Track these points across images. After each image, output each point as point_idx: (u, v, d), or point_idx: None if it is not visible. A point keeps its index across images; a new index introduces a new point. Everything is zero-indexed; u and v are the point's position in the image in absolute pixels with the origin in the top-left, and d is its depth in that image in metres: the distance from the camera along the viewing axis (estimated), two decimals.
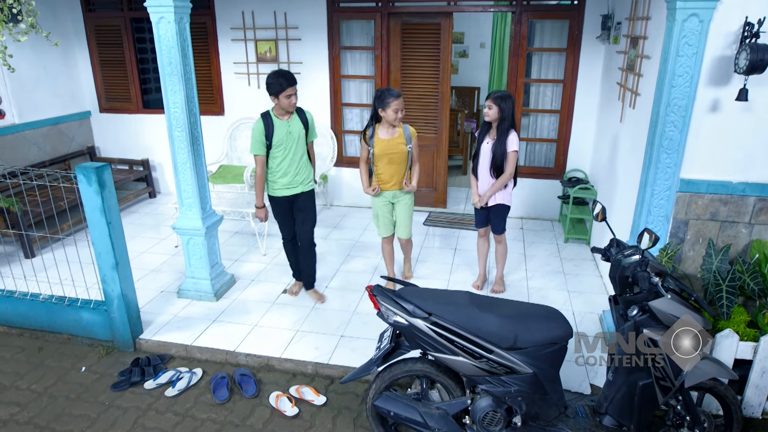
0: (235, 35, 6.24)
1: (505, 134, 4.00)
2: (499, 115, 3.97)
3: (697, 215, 3.44)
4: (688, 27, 3.07)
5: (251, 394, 3.41)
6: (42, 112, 6.28)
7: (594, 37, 5.36)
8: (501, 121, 3.99)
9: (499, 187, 4.11)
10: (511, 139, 4.01)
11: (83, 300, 3.96)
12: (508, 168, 4.06)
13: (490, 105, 3.96)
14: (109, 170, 3.55)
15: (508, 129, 4.00)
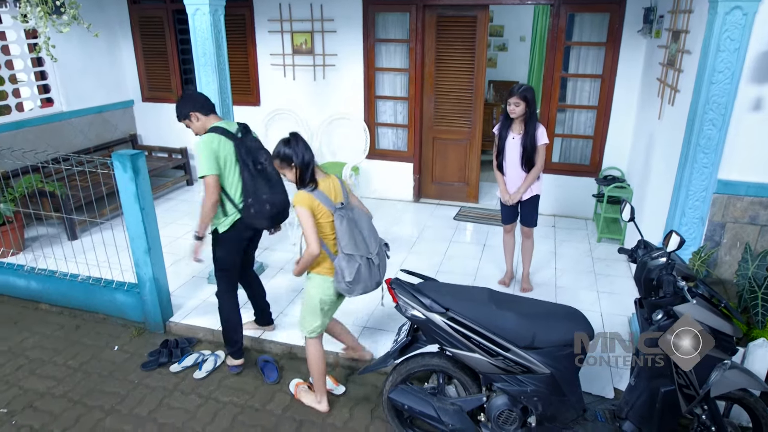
0: (272, 27, 6.32)
1: (534, 128, 3.95)
2: (526, 109, 3.90)
3: (735, 218, 3.29)
4: (731, 20, 2.94)
5: (273, 380, 3.48)
6: (88, 101, 6.53)
7: (635, 30, 5.18)
8: (529, 116, 3.92)
9: (532, 180, 4.06)
10: (541, 132, 3.96)
11: (118, 282, 4.13)
12: (539, 161, 4.01)
13: (518, 102, 3.88)
14: (144, 158, 3.67)
15: (536, 122, 3.96)
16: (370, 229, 2.98)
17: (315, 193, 2.82)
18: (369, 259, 2.90)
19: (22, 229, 5.04)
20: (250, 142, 3.32)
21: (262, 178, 3.27)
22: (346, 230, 2.82)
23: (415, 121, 6.27)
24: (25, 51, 5.82)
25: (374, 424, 3.12)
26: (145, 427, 3.12)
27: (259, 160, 3.29)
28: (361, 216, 2.95)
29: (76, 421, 3.18)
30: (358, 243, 2.85)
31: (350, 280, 2.84)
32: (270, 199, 3.26)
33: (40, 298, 4.41)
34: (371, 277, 2.92)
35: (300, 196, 2.81)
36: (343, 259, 2.84)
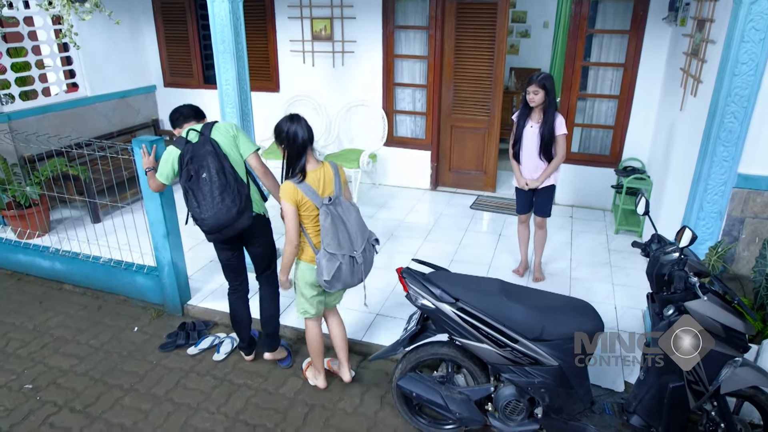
0: (292, 13, 6.32)
1: (552, 117, 3.90)
2: (545, 98, 3.85)
3: (755, 213, 3.23)
4: (756, 10, 2.85)
5: (286, 364, 3.56)
6: (111, 86, 6.64)
7: (660, 18, 5.05)
8: (548, 104, 3.88)
9: (553, 170, 4.02)
10: (560, 122, 3.91)
11: (138, 265, 4.24)
12: (560, 151, 3.97)
13: (536, 90, 3.83)
14: (163, 144, 3.72)
15: (554, 112, 3.91)
16: (359, 224, 2.90)
17: (301, 186, 2.75)
18: (352, 257, 2.85)
19: (47, 211, 5.18)
20: (201, 147, 2.99)
21: (195, 190, 2.99)
22: (330, 228, 2.77)
23: (433, 108, 6.24)
24: (51, 37, 5.93)
25: (384, 410, 3.18)
26: (161, 407, 3.23)
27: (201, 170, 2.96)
28: (350, 211, 2.87)
29: (97, 399, 3.30)
30: (342, 242, 2.80)
31: (328, 279, 2.82)
32: (199, 216, 3.00)
33: (64, 278, 4.55)
34: (353, 275, 2.89)
35: (285, 188, 2.76)
36: (324, 257, 2.80)
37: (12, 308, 4.27)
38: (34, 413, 3.18)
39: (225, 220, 3.01)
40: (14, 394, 3.34)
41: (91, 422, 3.12)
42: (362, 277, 2.96)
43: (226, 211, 2.99)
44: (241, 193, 3.05)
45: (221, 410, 3.20)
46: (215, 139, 3.06)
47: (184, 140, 3.06)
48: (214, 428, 3.06)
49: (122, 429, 3.07)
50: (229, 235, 3.11)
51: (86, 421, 3.12)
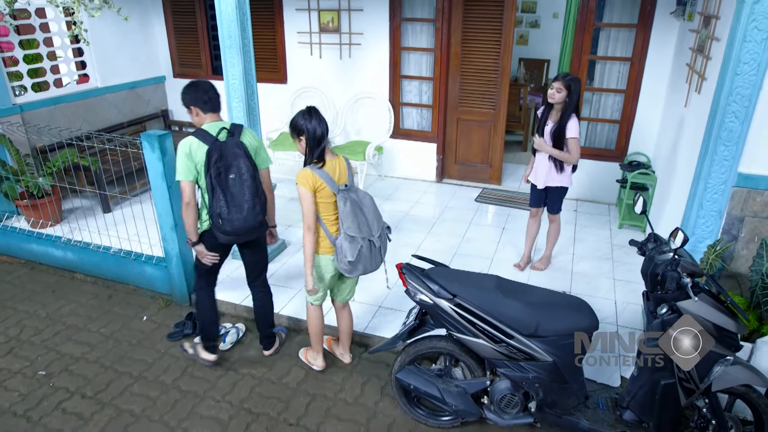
0: (300, 5, 6.34)
1: (566, 119, 3.88)
2: (567, 99, 3.84)
3: (755, 212, 3.25)
4: (759, 10, 2.85)
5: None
6: (121, 77, 6.72)
7: (668, 12, 5.02)
8: (566, 106, 3.87)
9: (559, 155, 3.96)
10: (571, 125, 3.89)
11: (147, 255, 4.34)
12: (573, 154, 3.96)
13: (560, 88, 3.81)
14: (171, 138, 3.81)
15: (570, 114, 3.88)
16: (374, 211, 3.03)
17: (319, 172, 2.83)
18: (371, 241, 2.96)
19: (59, 201, 5.30)
20: (231, 147, 2.99)
21: (224, 190, 2.97)
22: (350, 212, 2.87)
23: (439, 101, 6.26)
24: (62, 28, 6.01)
25: (384, 401, 3.26)
26: (169, 394, 3.34)
27: (231, 169, 2.98)
28: (365, 198, 2.99)
29: (108, 385, 3.42)
30: (361, 225, 2.91)
31: (352, 260, 2.90)
32: (226, 216, 2.98)
33: (75, 268, 4.67)
34: (372, 259, 3.00)
35: (303, 174, 2.83)
36: (346, 240, 2.89)
37: (26, 296, 4.39)
38: (47, 399, 3.31)
39: (252, 224, 3.06)
40: (28, 380, 3.46)
41: (102, 408, 3.23)
42: (380, 260, 3.09)
43: (255, 216, 3.05)
44: (263, 200, 3.14)
45: (226, 398, 3.30)
46: (245, 142, 3.09)
47: (212, 137, 2.99)
48: (219, 416, 3.17)
49: (131, 415, 3.18)
50: (245, 240, 3.17)
51: (97, 407, 3.24)
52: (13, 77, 5.49)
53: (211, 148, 2.96)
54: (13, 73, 5.51)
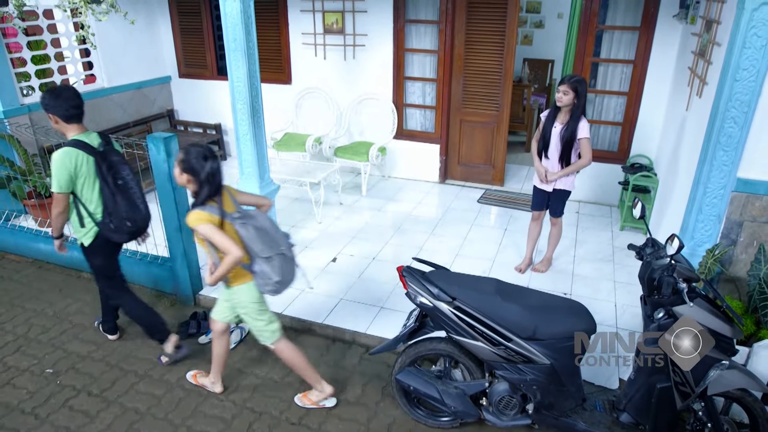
0: (304, 6, 6.38)
1: (576, 121, 3.91)
2: (574, 101, 3.87)
3: (753, 217, 3.27)
4: (758, 17, 2.88)
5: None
6: (127, 77, 6.79)
7: (671, 15, 5.03)
8: (575, 108, 3.90)
9: (574, 170, 4.05)
10: (582, 126, 3.92)
11: (152, 255, 4.40)
12: (585, 155, 3.99)
13: (567, 90, 3.84)
14: (176, 141, 3.86)
15: (579, 116, 3.91)
16: (273, 225, 2.93)
17: (207, 209, 2.70)
18: (283, 254, 2.88)
19: None
20: (112, 156, 3.23)
21: (122, 194, 3.24)
22: (255, 236, 2.77)
23: (442, 102, 6.29)
24: (69, 29, 6.07)
25: (384, 401, 3.31)
26: (173, 393, 3.39)
27: (121, 175, 3.24)
28: (261, 216, 2.89)
29: (113, 384, 3.48)
30: (270, 243, 2.82)
31: (279, 279, 2.83)
32: (130, 216, 3.27)
33: (82, 267, 4.73)
34: (290, 270, 2.93)
35: (195, 216, 2.67)
36: (265, 263, 2.80)
37: (33, 295, 4.47)
38: (54, 396, 3.37)
39: (148, 218, 3.40)
40: (36, 378, 3.53)
41: (108, 406, 3.29)
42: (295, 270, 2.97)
43: (147, 210, 3.39)
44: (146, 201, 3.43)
45: (230, 397, 3.35)
46: (119, 150, 3.37)
47: (93, 148, 3.16)
48: (222, 414, 3.22)
49: (136, 413, 3.24)
50: (141, 233, 3.44)
51: (103, 404, 3.30)
52: (21, 78, 5.56)
53: (98, 159, 3.16)
54: (21, 74, 5.58)
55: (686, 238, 3.42)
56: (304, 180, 5.43)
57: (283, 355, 3.12)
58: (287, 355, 3.12)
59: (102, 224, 3.27)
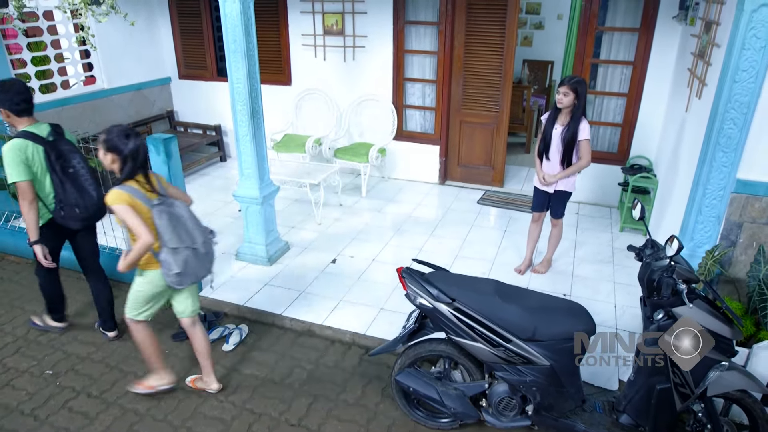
0: (304, 7, 6.39)
1: (577, 122, 3.91)
2: (574, 102, 3.87)
3: (753, 218, 3.27)
4: (758, 18, 2.88)
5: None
6: (127, 78, 6.79)
7: (671, 16, 5.04)
8: (576, 109, 3.90)
9: (573, 171, 4.07)
10: (583, 127, 3.92)
11: None
12: (583, 157, 4.00)
13: (567, 92, 3.84)
14: (176, 142, 3.86)
15: (580, 117, 3.91)
16: (192, 218, 2.97)
17: (129, 189, 2.76)
18: (195, 249, 2.93)
19: None
20: (62, 145, 3.36)
21: (72, 181, 3.36)
22: (168, 225, 2.82)
23: (442, 103, 6.30)
24: (69, 30, 6.08)
25: (384, 402, 3.31)
26: (173, 394, 3.39)
27: (71, 164, 3.36)
28: (182, 208, 2.94)
29: (113, 385, 3.48)
30: (182, 236, 2.86)
31: (179, 272, 2.87)
32: (79, 203, 3.40)
33: None
34: (201, 266, 2.99)
35: (114, 195, 2.74)
36: (168, 254, 2.84)
37: (33, 296, 4.45)
38: (53, 398, 3.37)
39: (100, 204, 3.47)
40: (35, 379, 3.53)
41: (107, 407, 3.29)
42: (209, 266, 3.06)
43: (100, 197, 3.44)
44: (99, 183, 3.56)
45: (229, 399, 3.35)
46: (71, 140, 3.48)
47: (43, 138, 3.29)
48: (222, 416, 3.22)
49: (136, 414, 3.24)
50: (95, 219, 3.60)
51: (102, 406, 3.30)
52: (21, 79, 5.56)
53: (47, 149, 3.28)
54: (21, 75, 5.58)
55: (686, 239, 3.42)
56: (303, 181, 5.43)
57: (136, 335, 3.22)
58: (139, 337, 3.22)
59: (54, 212, 3.42)
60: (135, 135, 2.81)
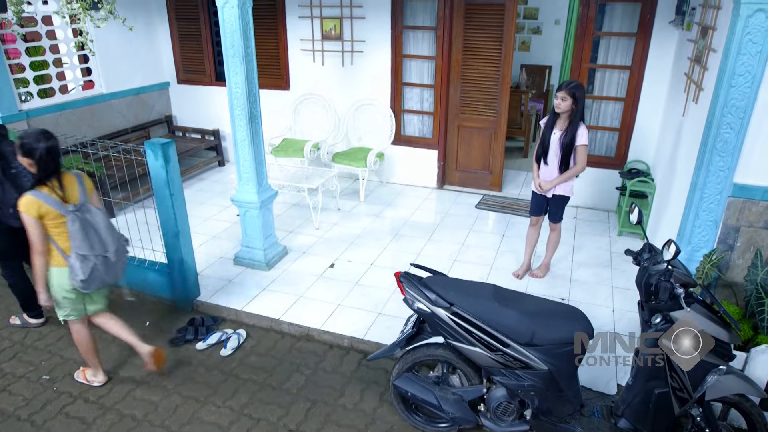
0: (302, 12, 6.41)
1: (575, 127, 3.92)
2: (572, 107, 3.87)
3: (750, 222, 3.28)
4: (753, 23, 2.90)
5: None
6: (126, 83, 6.80)
7: (667, 22, 5.06)
8: (574, 114, 3.90)
9: (569, 177, 4.08)
10: (581, 132, 3.93)
11: (150, 261, 4.39)
12: (578, 162, 4.01)
13: (565, 96, 3.84)
14: (174, 147, 3.86)
15: (578, 122, 3.92)
16: (107, 227, 3.06)
17: (41, 196, 2.85)
18: (105, 257, 3.01)
19: None
20: (4, 147, 3.48)
21: (12, 182, 3.47)
22: (79, 231, 2.91)
23: (440, 108, 6.31)
24: (68, 35, 6.09)
25: (382, 407, 3.30)
26: (170, 399, 3.38)
27: (14, 164, 3.44)
28: (98, 215, 3.02)
29: (110, 390, 3.47)
30: (94, 244, 2.96)
31: (84, 278, 2.96)
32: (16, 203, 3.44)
33: None
34: (108, 273, 3.08)
35: (25, 203, 2.84)
36: (77, 259, 2.93)
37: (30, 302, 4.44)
38: (50, 403, 3.36)
39: None
40: (32, 385, 3.51)
41: (104, 413, 3.28)
42: (119, 274, 3.17)
43: None
44: None
45: (227, 404, 3.34)
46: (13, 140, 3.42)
47: None
48: (219, 421, 3.21)
49: (133, 419, 3.23)
50: None
51: (99, 411, 3.29)
52: (19, 84, 5.57)
53: None
54: (19, 80, 5.59)
55: (683, 243, 3.43)
56: (302, 186, 5.43)
57: (74, 336, 3.36)
58: (77, 338, 3.36)
59: None
60: (48, 138, 2.87)
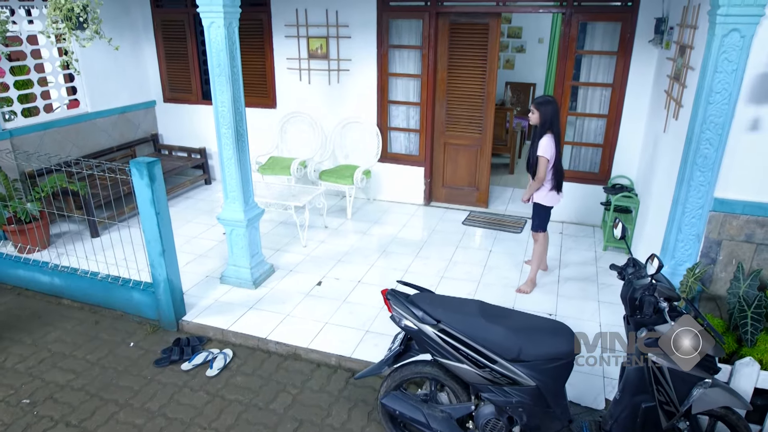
0: (289, 32, 6.46)
1: (538, 139, 4.19)
2: (540, 119, 4.15)
3: (731, 236, 3.33)
4: (729, 42, 2.97)
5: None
6: (112, 102, 6.77)
7: (647, 40, 5.18)
8: (539, 127, 4.18)
9: (534, 189, 4.35)
10: (541, 143, 4.17)
11: (135, 281, 4.34)
12: (537, 173, 4.24)
13: (533, 110, 4.19)
14: (159, 165, 3.85)
15: (542, 134, 4.17)
16: None
17: None
18: None
19: (47, 226, 5.30)
20: None
21: None
22: None
23: (426, 125, 6.36)
24: (53, 54, 6.07)
25: (370, 426, 3.26)
26: (155, 422, 3.32)
27: None
28: None
29: (93, 413, 3.39)
30: None
31: None
32: None
33: (62, 293, 4.66)
34: None
35: None
36: None
37: (11, 323, 4.37)
38: (30, 428, 3.27)
39: None
40: (12, 409, 3.43)
41: None
42: None
43: None
44: None
45: (213, 425, 3.29)
46: None
47: None
48: None
49: None
50: None
51: None
52: (3, 103, 5.53)
53: None
54: (3, 99, 5.55)
55: (667, 257, 3.47)
56: (289, 203, 5.42)
57: None
58: None
59: None
60: None
